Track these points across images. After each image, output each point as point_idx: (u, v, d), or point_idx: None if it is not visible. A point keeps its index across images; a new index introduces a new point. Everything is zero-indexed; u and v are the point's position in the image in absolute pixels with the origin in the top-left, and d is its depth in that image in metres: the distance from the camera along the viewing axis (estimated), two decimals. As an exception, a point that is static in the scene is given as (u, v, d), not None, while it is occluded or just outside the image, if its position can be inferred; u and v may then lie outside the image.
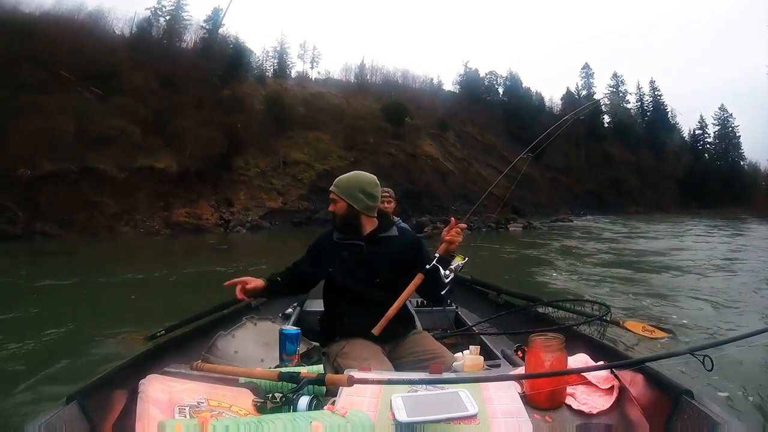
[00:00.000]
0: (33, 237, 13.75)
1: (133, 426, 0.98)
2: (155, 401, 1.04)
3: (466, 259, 1.59)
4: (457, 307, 2.67)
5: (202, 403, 1.04)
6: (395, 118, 30.97)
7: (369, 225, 1.77)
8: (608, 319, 2.04)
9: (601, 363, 1.23)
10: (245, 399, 1.13)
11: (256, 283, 1.71)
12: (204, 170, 20.85)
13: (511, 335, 2.05)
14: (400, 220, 2.54)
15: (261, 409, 1.08)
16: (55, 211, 15.23)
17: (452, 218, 1.68)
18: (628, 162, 57.58)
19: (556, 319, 2.18)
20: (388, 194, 2.65)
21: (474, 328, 2.29)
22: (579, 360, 1.28)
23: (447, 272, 1.56)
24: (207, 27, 33.09)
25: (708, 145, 63.44)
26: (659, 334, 2.09)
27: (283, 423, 0.94)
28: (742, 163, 61.80)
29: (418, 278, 1.61)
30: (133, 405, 1.05)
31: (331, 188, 1.77)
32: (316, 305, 2.53)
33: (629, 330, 2.14)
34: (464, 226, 1.62)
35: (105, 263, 9.44)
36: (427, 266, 1.60)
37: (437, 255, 1.61)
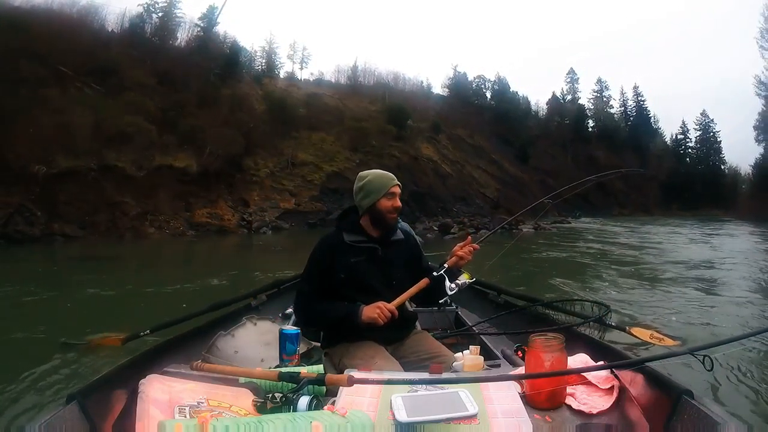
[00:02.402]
0: (52, 239, 12.73)
1: (133, 426, 0.95)
2: (155, 401, 1.01)
3: (474, 279, 1.59)
4: (457, 307, 2.59)
5: (202, 403, 1.01)
6: (397, 120, 30.67)
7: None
8: (608, 318, 1.99)
9: (601, 363, 1.20)
10: (245, 399, 1.09)
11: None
12: (220, 170, 20.14)
13: (511, 335, 2.00)
14: (401, 221, 2.49)
15: (261, 409, 1.05)
16: (75, 212, 14.27)
17: (469, 236, 1.69)
18: (613, 165, 57.58)
19: (556, 319, 2.12)
20: None
21: (474, 328, 2.23)
22: (579, 360, 1.25)
23: (453, 285, 1.55)
24: (202, 25, 32.14)
25: (690, 150, 63.46)
26: (668, 342, 2.02)
27: (283, 423, 0.91)
28: (722, 167, 61.85)
29: (423, 282, 1.58)
30: (133, 405, 1.01)
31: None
32: None
33: (637, 337, 2.06)
34: (477, 246, 1.62)
35: (151, 268, 8.36)
36: (435, 273, 1.58)
37: (446, 266, 1.59)
